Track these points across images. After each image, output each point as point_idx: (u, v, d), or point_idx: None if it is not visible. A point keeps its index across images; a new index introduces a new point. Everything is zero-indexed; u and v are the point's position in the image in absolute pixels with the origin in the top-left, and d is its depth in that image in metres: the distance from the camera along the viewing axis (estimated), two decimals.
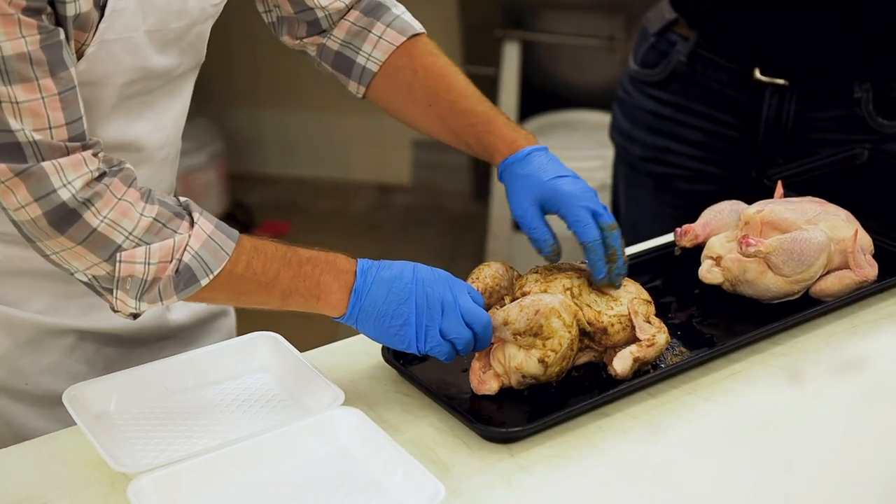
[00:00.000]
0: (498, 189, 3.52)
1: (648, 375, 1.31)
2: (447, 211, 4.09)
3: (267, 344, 1.36)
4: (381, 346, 1.35)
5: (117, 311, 1.19)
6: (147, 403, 1.28)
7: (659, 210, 1.90)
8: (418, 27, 1.44)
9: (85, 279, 1.17)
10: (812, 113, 1.87)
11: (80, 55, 1.16)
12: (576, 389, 1.30)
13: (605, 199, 3.91)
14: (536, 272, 1.35)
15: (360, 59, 1.42)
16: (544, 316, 1.25)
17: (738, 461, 1.17)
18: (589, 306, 1.31)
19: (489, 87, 3.65)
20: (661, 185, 1.97)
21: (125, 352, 1.39)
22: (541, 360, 1.24)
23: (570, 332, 1.26)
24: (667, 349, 1.36)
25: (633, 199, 2.01)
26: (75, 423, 1.21)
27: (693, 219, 1.53)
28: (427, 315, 1.21)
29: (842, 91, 1.85)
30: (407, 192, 4.20)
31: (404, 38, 1.41)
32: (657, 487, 1.17)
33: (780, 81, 1.85)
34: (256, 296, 1.21)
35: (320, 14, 1.40)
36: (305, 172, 4.24)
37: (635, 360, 1.30)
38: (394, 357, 1.34)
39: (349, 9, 1.42)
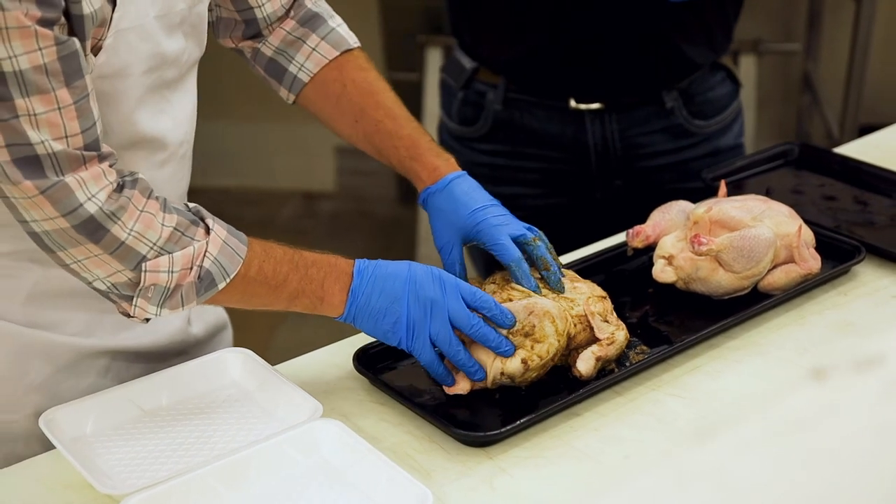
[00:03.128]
0: None
1: (614, 374, 1.35)
2: (374, 216, 4.11)
3: (238, 359, 1.37)
4: (351, 355, 1.38)
5: (131, 317, 1.20)
6: (123, 424, 1.28)
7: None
8: (353, 41, 1.48)
9: (104, 287, 1.18)
10: (635, 130, 1.91)
11: (98, 49, 1.18)
12: (544, 391, 1.34)
13: None
14: (494, 282, 1.39)
15: (292, 69, 1.46)
16: (538, 317, 1.29)
17: (708, 452, 1.21)
18: None
19: (412, 93, 3.68)
20: None
21: (151, 367, 1.41)
22: (523, 361, 1.28)
23: (559, 341, 1.30)
24: (629, 348, 1.41)
25: None
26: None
27: (555, 242, 1.49)
28: (417, 314, 1.25)
29: (654, 104, 1.90)
30: (332, 198, 4.21)
31: (337, 53, 1.45)
32: (635, 483, 1.21)
33: (596, 106, 1.89)
34: (266, 298, 1.25)
35: (259, 14, 1.44)
36: (229, 182, 4.22)
37: (597, 359, 1.34)
38: (365, 367, 1.36)
39: (287, 16, 1.45)
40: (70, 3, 1.11)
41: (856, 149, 2.00)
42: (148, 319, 1.22)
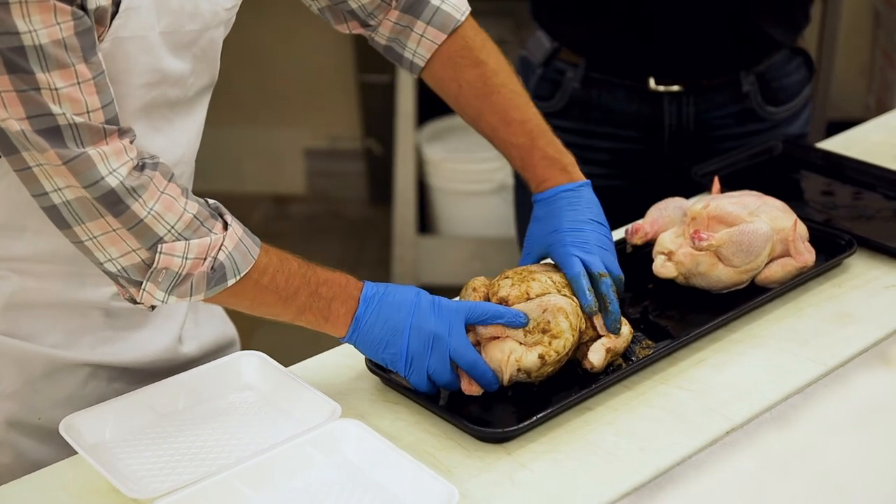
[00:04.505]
0: (401, 195, 3.57)
1: (624, 369, 1.37)
2: (346, 218, 4.11)
3: (252, 362, 1.38)
4: (361, 356, 1.39)
5: (137, 303, 1.20)
6: (141, 429, 1.28)
7: None
8: (459, 14, 1.47)
9: (114, 269, 1.18)
10: (710, 113, 1.97)
11: None
12: (555, 387, 1.36)
13: (509, 198, 3.97)
14: (508, 276, 1.40)
15: (407, 54, 1.49)
16: (552, 313, 1.31)
17: (720, 446, 1.23)
18: None
19: (385, 95, 3.69)
20: None
21: (133, 387, 1.39)
22: (541, 357, 1.30)
23: (573, 335, 1.32)
24: (634, 342, 1.43)
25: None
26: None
27: (613, 222, 1.56)
28: (417, 348, 1.27)
29: (732, 88, 1.96)
30: (303, 201, 4.21)
31: (444, 36, 1.47)
32: (654, 475, 1.23)
33: (676, 88, 1.94)
34: (274, 308, 1.25)
35: (354, 5, 1.46)
36: (199, 187, 4.15)
37: (608, 350, 1.37)
38: (377, 366, 1.37)
39: (389, 5, 1.47)
40: None
41: (833, 145, 2.04)
42: (153, 308, 1.22)
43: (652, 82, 1.93)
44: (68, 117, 1.10)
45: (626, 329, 1.39)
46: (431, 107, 3.60)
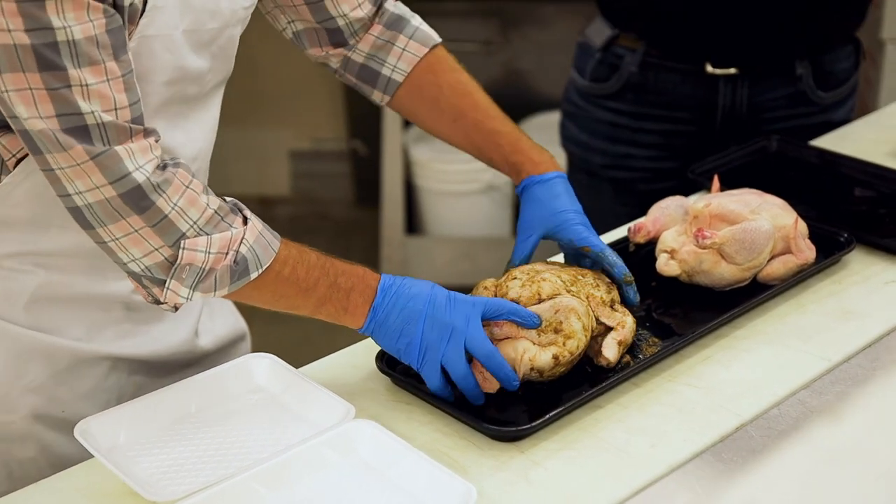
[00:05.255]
0: (389, 196, 3.57)
1: (633, 367, 1.38)
2: (332, 219, 4.12)
3: (263, 364, 1.38)
4: (369, 356, 1.40)
5: (162, 303, 1.21)
6: (155, 432, 1.28)
7: (619, 211, 1.99)
8: (436, 37, 1.53)
9: (138, 269, 1.19)
10: (763, 95, 2.03)
11: None
12: (564, 385, 1.37)
13: (499, 199, 3.96)
14: (516, 277, 1.41)
15: (386, 71, 1.50)
16: (564, 314, 1.32)
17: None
18: None
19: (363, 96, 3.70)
20: (622, 188, 2.08)
21: (152, 380, 1.42)
22: (555, 357, 1.31)
23: (586, 336, 1.34)
24: (641, 340, 1.45)
25: (593, 204, 2.09)
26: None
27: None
28: (431, 338, 1.27)
29: (786, 71, 2.02)
30: (289, 203, 4.21)
31: (426, 49, 1.51)
32: (666, 471, 1.24)
33: (732, 71, 1.99)
34: (294, 300, 1.27)
35: (341, 23, 1.47)
36: None
37: (619, 343, 1.38)
38: (388, 366, 1.38)
39: (371, 21, 1.49)
40: None
41: (826, 143, 2.06)
42: (177, 307, 1.23)
43: (709, 67, 1.98)
44: (96, 115, 1.11)
45: (630, 320, 1.41)
46: None
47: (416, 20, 1.53)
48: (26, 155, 1.25)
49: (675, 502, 1.20)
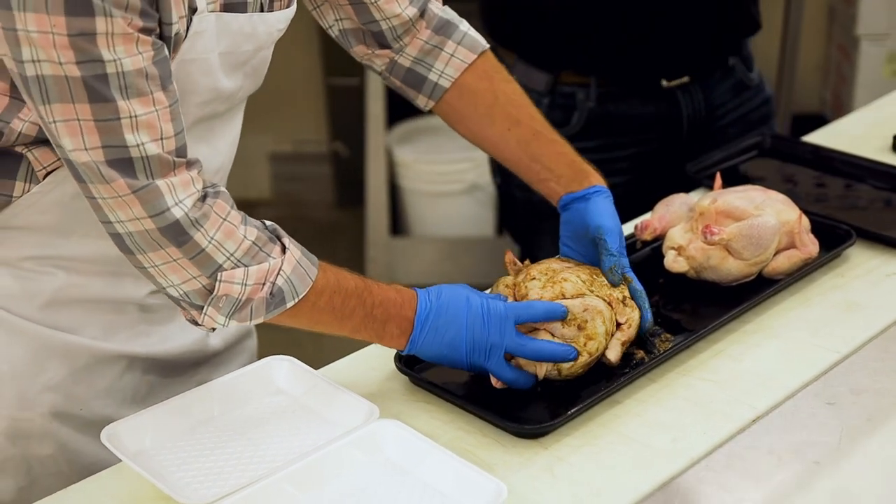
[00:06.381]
0: (373, 197, 3.58)
1: (648, 362, 1.40)
2: (314, 221, 4.12)
3: (283, 366, 1.39)
4: (386, 356, 1.42)
5: (199, 325, 1.22)
6: (181, 436, 1.29)
7: None
8: (484, 42, 1.53)
9: (177, 294, 1.20)
10: (714, 93, 2.09)
11: None
12: (581, 382, 1.39)
13: (483, 199, 3.97)
14: (535, 278, 1.41)
15: (433, 76, 1.50)
16: (591, 314, 1.34)
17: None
18: None
19: (354, 97, 3.70)
20: None
21: (162, 378, 1.43)
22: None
23: (606, 339, 1.36)
24: (653, 336, 1.47)
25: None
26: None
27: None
28: (475, 359, 1.32)
29: (725, 67, 2.09)
30: (270, 205, 4.20)
31: (474, 56, 1.51)
32: (688, 464, 1.26)
33: (685, 80, 2.04)
34: (330, 326, 1.28)
35: (384, 26, 1.47)
36: None
37: (622, 344, 1.40)
38: (406, 366, 1.39)
39: (416, 25, 1.49)
40: (163, 24, 1.13)
41: (816, 140, 2.09)
42: (214, 329, 1.24)
43: (664, 81, 2.02)
44: (141, 149, 1.12)
45: (634, 315, 1.43)
46: (400, 109, 3.61)
47: (465, 25, 1.53)
48: (56, 167, 1.26)
49: (699, 495, 1.22)
